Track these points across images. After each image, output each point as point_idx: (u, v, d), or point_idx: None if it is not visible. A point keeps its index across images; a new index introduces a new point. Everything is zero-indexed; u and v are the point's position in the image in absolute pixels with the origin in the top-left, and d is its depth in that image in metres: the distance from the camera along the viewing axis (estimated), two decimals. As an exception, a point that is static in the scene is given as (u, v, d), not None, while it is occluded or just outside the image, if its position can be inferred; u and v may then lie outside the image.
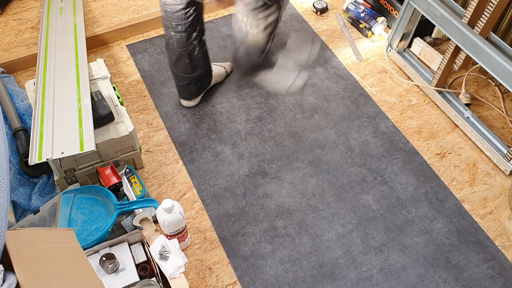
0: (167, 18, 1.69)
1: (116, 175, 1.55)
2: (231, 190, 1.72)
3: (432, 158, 1.81)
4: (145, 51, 2.19)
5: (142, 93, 2.03)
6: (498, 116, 1.94)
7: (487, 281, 1.50)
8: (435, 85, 1.94)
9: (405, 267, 1.54)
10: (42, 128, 1.51)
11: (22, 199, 1.59)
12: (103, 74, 1.77)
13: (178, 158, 1.81)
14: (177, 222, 1.41)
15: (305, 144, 1.85)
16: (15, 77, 2.06)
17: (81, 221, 1.46)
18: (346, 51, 2.21)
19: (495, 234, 1.61)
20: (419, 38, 2.13)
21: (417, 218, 1.65)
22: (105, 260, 1.37)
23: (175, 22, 1.68)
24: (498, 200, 1.70)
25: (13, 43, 2.20)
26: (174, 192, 1.72)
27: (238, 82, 2.07)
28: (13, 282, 0.81)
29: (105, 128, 1.60)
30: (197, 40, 1.75)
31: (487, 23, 1.64)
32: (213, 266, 1.54)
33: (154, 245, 1.39)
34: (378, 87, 2.06)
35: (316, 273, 1.52)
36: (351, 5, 2.34)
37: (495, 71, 1.65)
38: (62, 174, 1.59)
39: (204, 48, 1.82)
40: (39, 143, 1.46)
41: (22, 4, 2.39)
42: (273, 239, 1.60)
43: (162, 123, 1.92)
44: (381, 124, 1.92)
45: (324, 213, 1.65)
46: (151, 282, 1.35)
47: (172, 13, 1.66)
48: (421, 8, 1.88)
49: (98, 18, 2.32)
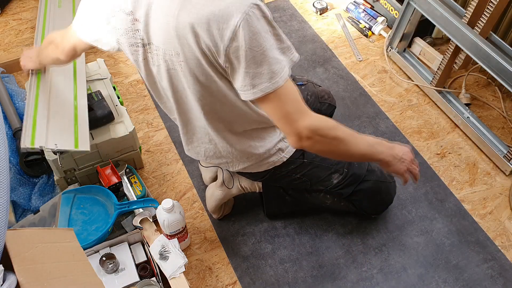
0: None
1: (116, 175, 1.54)
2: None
3: (432, 158, 1.81)
4: (145, 51, 2.19)
5: (142, 93, 2.03)
6: (498, 116, 1.94)
7: (487, 281, 1.50)
8: (435, 85, 1.94)
9: (405, 267, 1.54)
10: (36, 115, 1.44)
11: (22, 199, 1.59)
12: (103, 74, 1.77)
13: (178, 158, 1.81)
14: (177, 222, 1.41)
15: (305, 144, 1.85)
16: (15, 77, 2.06)
17: (81, 221, 1.46)
18: (346, 51, 2.21)
19: (495, 234, 1.61)
20: (419, 38, 2.13)
21: (417, 218, 1.65)
22: (105, 260, 1.37)
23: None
24: (498, 200, 1.70)
25: (13, 43, 2.20)
26: (174, 192, 1.72)
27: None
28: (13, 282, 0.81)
29: (105, 128, 1.60)
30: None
31: (487, 23, 1.64)
32: (213, 266, 1.54)
33: (154, 245, 1.39)
34: (378, 87, 2.06)
35: (316, 273, 1.52)
36: (351, 5, 2.34)
37: (495, 71, 1.65)
38: (62, 174, 1.59)
39: None
40: (31, 129, 1.40)
41: (22, 4, 2.39)
42: (273, 239, 1.60)
43: (162, 123, 1.92)
44: (381, 124, 1.92)
45: (324, 213, 1.65)
46: (151, 282, 1.35)
47: None
48: (421, 8, 1.88)
49: (98, 18, 2.32)
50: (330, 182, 1.45)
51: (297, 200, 1.56)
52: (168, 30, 1.02)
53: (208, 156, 1.35)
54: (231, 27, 0.96)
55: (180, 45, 1.02)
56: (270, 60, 1.00)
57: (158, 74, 1.15)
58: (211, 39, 0.98)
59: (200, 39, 0.99)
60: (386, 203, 1.57)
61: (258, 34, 0.97)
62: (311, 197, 1.54)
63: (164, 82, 1.15)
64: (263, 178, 1.45)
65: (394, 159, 1.22)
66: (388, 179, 1.53)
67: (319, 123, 1.08)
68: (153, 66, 1.14)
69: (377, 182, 1.49)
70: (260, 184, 1.55)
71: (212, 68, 1.05)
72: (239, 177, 1.55)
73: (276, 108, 1.05)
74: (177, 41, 1.02)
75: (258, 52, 0.98)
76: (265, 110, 1.09)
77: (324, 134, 1.08)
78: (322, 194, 1.53)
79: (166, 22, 1.01)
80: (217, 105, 1.16)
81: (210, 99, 1.14)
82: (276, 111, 1.06)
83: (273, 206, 1.60)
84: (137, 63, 1.16)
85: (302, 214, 1.65)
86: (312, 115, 1.07)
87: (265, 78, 1.01)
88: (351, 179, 1.45)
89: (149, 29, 1.06)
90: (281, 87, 1.02)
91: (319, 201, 1.55)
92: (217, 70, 1.06)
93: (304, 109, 1.07)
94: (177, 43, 1.03)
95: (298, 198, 1.56)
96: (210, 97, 1.13)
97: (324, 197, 1.54)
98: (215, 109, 1.17)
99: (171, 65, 1.09)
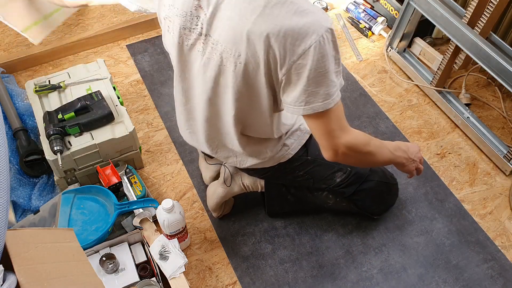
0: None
1: (116, 175, 1.55)
2: (231, 190, 1.72)
3: (432, 158, 1.81)
4: (145, 51, 2.19)
5: (142, 93, 2.03)
6: (498, 116, 1.94)
7: (487, 281, 1.50)
8: (435, 85, 1.94)
9: (405, 267, 1.54)
10: None
11: (22, 199, 1.59)
12: (103, 74, 1.77)
13: (178, 158, 1.81)
14: (177, 222, 1.41)
15: (305, 144, 1.85)
16: (15, 77, 2.06)
17: (81, 221, 1.46)
18: (346, 51, 2.21)
19: (495, 234, 1.61)
20: (419, 38, 2.13)
21: (417, 218, 1.65)
22: (105, 260, 1.37)
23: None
24: (498, 200, 1.70)
25: (13, 43, 2.20)
26: (174, 192, 1.72)
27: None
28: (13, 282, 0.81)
29: (105, 128, 1.60)
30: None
31: (487, 23, 1.64)
32: (213, 266, 1.54)
33: (154, 245, 1.39)
34: (378, 87, 2.06)
35: (316, 273, 1.52)
36: (351, 5, 2.34)
37: (495, 71, 1.65)
38: (62, 174, 1.59)
39: None
40: None
41: (22, 4, 2.39)
42: (273, 239, 1.60)
43: (162, 123, 1.92)
44: (381, 124, 1.92)
45: (324, 213, 1.65)
46: (151, 282, 1.35)
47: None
48: (421, 8, 1.88)
49: (98, 18, 2.32)
50: (333, 180, 1.46)
51: (299, 199, 1.56)
52: (239, 31, 1.03)
53: (218, 146, 1.37)
54: (304, 46, 1.00)
55: (247, 49, 1.04)
56: (329, 82, 1.05)
57: (205, 65, 1.15)
58: (280, 52, 1.01)
59: (270, 49, 1.02)
60: (388, 204, 1.57)
61: (326, 57, 1.02)
62: (313, 196, 1.55)
63: (209, 73, 1.15)
64: (266, 174, 1.46)
65: (408, 161, 1.34)
66: (391, 180, 1.54)
67: (356, 140, 1.15)
68: (201, 55, 1.14)
69: (380, 183, 1.50)
70: (262, 183, 1.55)
71: (266, 77, 1.08)
72: (242, 175, 1.56)
73: (321, 125, 1.11)
74: (245, 44, 1.03)
75: (321, 73, 1.03)
76: (308, 125, 1.15)
77: (359, 150, 1.17)
78: (325, 193, 1.54)
79: (239, 24, 1.02)
80: (249, 108, 1.19)
81: (246, 102, 1.16)
82: (320, 127, 1.12)
83: (275, 205, 1.60)
84: (178, 44, 1.15)
85: (302, 214, 1.65)
86: (351, 133, 1.14)
87: (320, 98, 1.06)
88: (354, 178, 1.46)
89: (214, 23, 1.07)
90: (331, 108, 1.07)
91: (321, 201, 1.55)
92: (269, 79, 1.09)
93: (345, 127, 1.13)
94: (244, 46, 1.04)
95: (300, 198, 1.56)
96: (247, 100, 1.16)
97: (327, 197, 1.54)
98: (245, 112, 1.19)
99: (225, 62, 1.09)
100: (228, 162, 1.41)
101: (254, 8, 1.01)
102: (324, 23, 1.01)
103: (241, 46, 1.04)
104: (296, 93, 1.06)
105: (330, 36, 1.02)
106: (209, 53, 1.11)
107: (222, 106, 1.21)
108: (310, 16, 1.00)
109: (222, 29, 1.06)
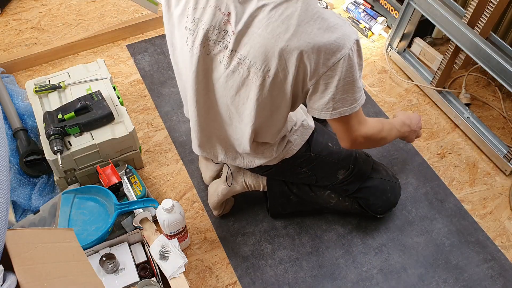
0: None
1: (116, 175, 1.54)
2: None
3: (432, 158, 1.81)
4: (145, 51, 2.19)
5: (142, 93, 2.03)
6: (498, 116, 1.94)
7: (487, 281, 1.50)
8: (435, 85, 1.94)
9: (405, 267, 1.54)
10: None
11: (22, 199, 1.59)
12: (103, 74, 1.77)
13: (178, 158, 1.81)
14: (177, 222, 1.41)
15: (305, 144, 1.85)
16: (15, 77, 2.06)
17: (81, 221, 1.46)
18: (346, 51, 2.20)
19: (495, 234, 1.61)
20: (419, 38, 2.13)
21: (417, 218, 1.65)
22: (105, 260, 1.37)
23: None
24: (498, 200, 1.70)
25: (13, 43, 2.20)
26: (174, 192, 1.72)
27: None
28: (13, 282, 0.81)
29: (105, 128, 1.60)
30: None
31: (487, 23, 1.64)
32: (213, 266, 1.54)
33: (154, 245, 1.39)
34: (378, 87, 2.06)
35: (316, 273, 1.52)
36: (351, 5, 2.34)
37: (495, 71, 1.65)
38: (62, 174, 1.59)
39: None
40: None
41: (22, 4, 2.39)
42: (273, 239, 1.60)
43: (162, 123, 1.92)
44: (381, 124, 1.92)
45: (324, 213, 1.65)
46: (151, 282, 1.35)
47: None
48: (421, 8, 1.88)
49: (98, 18, 2.32)
50: (336, 177, 1.47)
51: (302, 199, 1.56)
52: (271, 49, 1.05)
53: (226, 151, 1.38)
54: (334, 59, 1.05)
55: (277, 65, 1.06)
56: (356, 89, 1.12)
57: (228, 76, 1.15)
58: (312, 66, 1.05)
59: (302, 64, 1.05)
60: (392, 202, 1.57)
61: (353, 67, 1.09)
62: (316, 196, 1.55)
63: (231, 83, 1.15)
64: (270, 171, 1.46)
65: (410, 133, 1.52)
66: (393, 179, 1.55)
67: (373, 130, 1.25)
68: (225, 67, 1.14)
69: (382, 181, 1.52)
70: (264, 182, 1.56)
71: (292, 87, 1.11)
72: (244, 174, 1.56)
73: (344, 124, 1.19)
74: (276, 60, 1.06)
75: (348, 82, 1.09)
76: (331, 124, 1.22)
77: (374, 138, 1.27)
78: (327, 192, 1.54)
79: (271, 41, 1.04)
80: (267, 119, 1.21)
81: (267, 114, 1.19)
82: (343, 126, 1.20)
83: (277, 205, 1.60)
84: (200, 53, 1.13)
85: (302, 214, 1.65)
86: (367, 124, 1.23)
87: (347, 104, 1.13)
88: (357, 175, 1.48)
89: (243, 39, 1.08)
90: (356, 111, 1.15)
91: (323, 201, 1.56)
92: (295, 89, 1.12)
93: (363, 119, 1.22)
94: (274, 62, 1.06)
95: (303, 198, 1.56)
96: (269, 111, 1.18)
97: (329, 196, 1.54)
98: (262, 121, 1.21)
99: (251, 76, 1.11)
100: (236, 163, 1.42)
101: (287, 27, 1.03)
102: (352, 35, 1.06)
103: (271, 62, 1.06)
104: (324, 100, 1.11)
105: (356, 47, 1.08)
106: (234, 67, 1.12)
107: (239, 115, 1.22)
108: (339, 31, 1.05)
109: (251, 46, 1.07)
